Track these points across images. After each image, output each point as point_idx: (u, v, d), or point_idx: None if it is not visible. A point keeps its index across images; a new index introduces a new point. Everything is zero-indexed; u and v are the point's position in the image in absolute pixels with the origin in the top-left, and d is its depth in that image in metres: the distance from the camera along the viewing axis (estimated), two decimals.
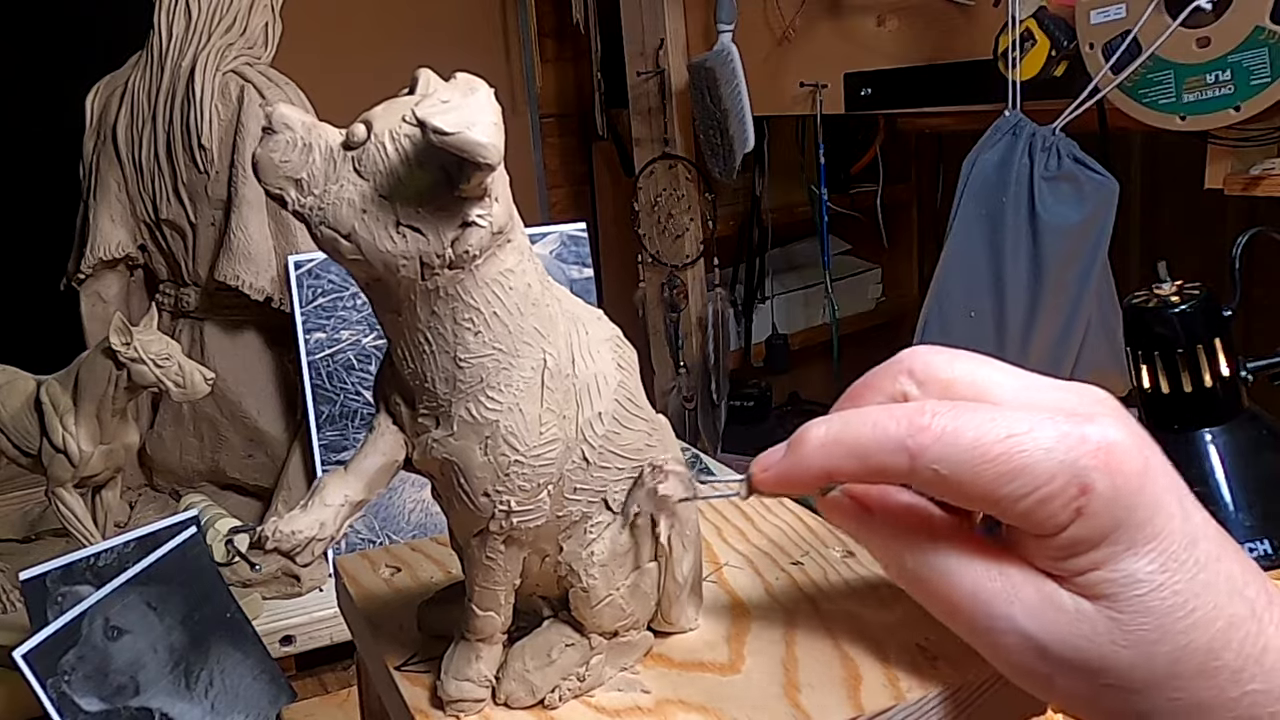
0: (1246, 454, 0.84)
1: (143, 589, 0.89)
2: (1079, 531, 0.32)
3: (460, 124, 0.35)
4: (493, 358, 0.40)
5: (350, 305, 1.20)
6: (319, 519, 0.41)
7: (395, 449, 0.43)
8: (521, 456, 0.40)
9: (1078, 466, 0.31)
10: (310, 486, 1.18)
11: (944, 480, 0.33)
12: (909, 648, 0.46)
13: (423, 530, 1.16)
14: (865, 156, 2.04)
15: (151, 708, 0.86)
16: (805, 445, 0.35)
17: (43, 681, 0.80)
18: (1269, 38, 1.04)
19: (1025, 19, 1.22)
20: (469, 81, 0.37)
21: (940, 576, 0.35)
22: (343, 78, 1.53)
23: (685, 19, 1.85)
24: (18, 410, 1.03)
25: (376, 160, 0.37)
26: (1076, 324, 1.23)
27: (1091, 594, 0.33)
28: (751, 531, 0.59)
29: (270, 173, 0.39)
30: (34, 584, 0.87)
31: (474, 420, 0.40)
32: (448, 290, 0.39)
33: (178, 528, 0.94)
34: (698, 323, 1.96)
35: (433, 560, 0.57)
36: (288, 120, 0.39)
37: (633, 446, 0.43)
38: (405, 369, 0.41)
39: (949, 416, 0.33)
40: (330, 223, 0.38)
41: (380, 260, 0.38)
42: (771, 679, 0.44)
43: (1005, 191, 1.24)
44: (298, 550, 0.41)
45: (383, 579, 0.56)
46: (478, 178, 0.36)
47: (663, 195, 1.94)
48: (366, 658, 0.53)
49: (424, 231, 0.37)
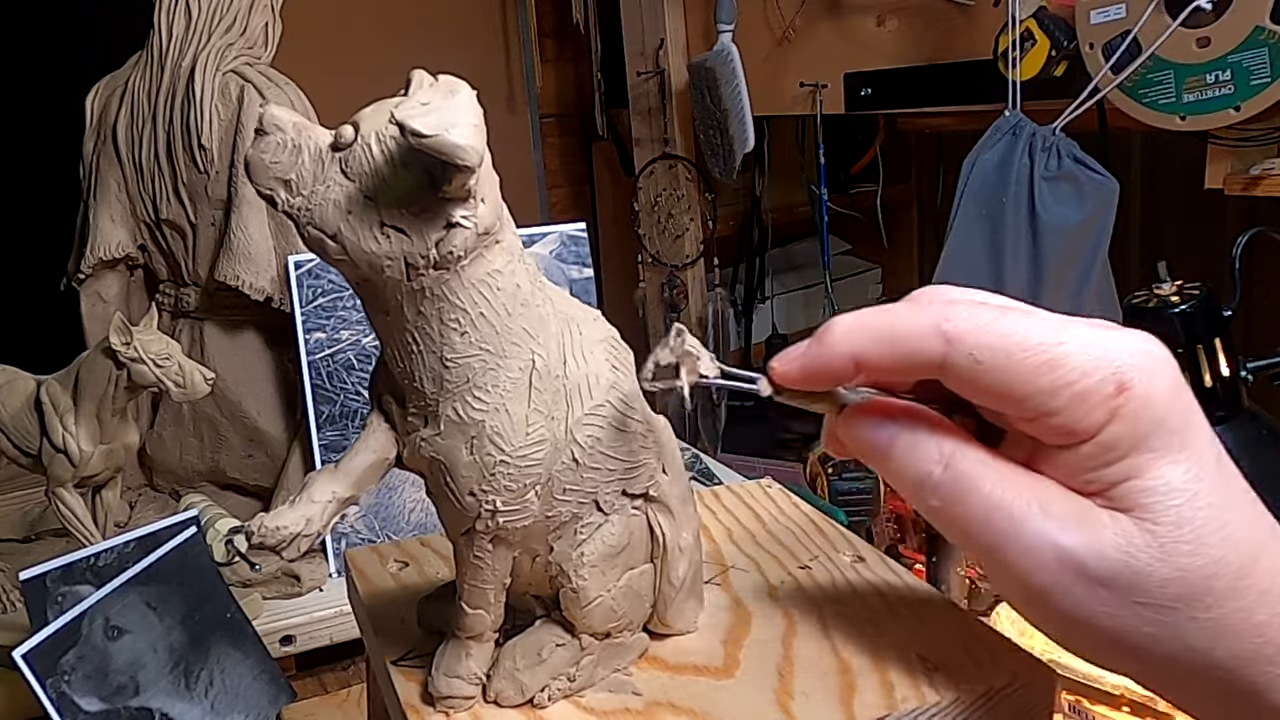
0: (1246, 454, 0.83)
1: (143, 589, 0.89)
2: (1114, 433, 0.31)
3: (439, 126, 0.35)
4: (479, 358, 0.40)
5: (350, 305, 1.20)
6: (305, 515, 0.42)
7: (386, 447, 0.43)
8: (507, 457, 0.40)
9: (1116, 364, 0.31)
10: None
11: (979, 369, 0.32)
12: (908, 657, 0.45)
13: (422, 529, 1.16)
14: (865, 156, 2.04)
15: (151, 708, 0.86)
16: (831, 332, 0.34)
17: (43, 681, 0.80)
18: (1269, 38, 1.04)
19: (1025, 19, 1.22)
20: (450, 83, 0.38)
21: (970, 491, 0.33)
22: (343, 78, 1.53)
23: (685, 19, 1.84)
24: (18, 410, 1.03)
25: (362, 161, 0.38)
26: None
27: (1126, 506, 0.32)
28: (761, 533, 0.59)
29: (261, 173, 0.39)
30: (34, 584, 0.87)
31: (460, 420, 0.40)
32: (433, 291, 0.39)
33: (178, 528, 0.94)
34: (698, 323, 1.96)
35: (440, 556, 0.57)
36: (278, 121, 0.39)
37: (625, 448, 0.43)
38: (395, 368, 0.41)
39: (985, 310, 0.32)
40: (317, 223, 0.39)
41: (365, 261, 0.38)
42: (765, 685, 0.44)
43: (1005, 191, 1.24)
44: (283, 545, 0.41)
45: (390, 573, 0.56)
46: (459, 179, 0.36)
47: (663, 195, 1.94)
48: (370, 652, 0.54)
49: (408, 232, 0.38)
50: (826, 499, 1.36)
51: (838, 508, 1.34)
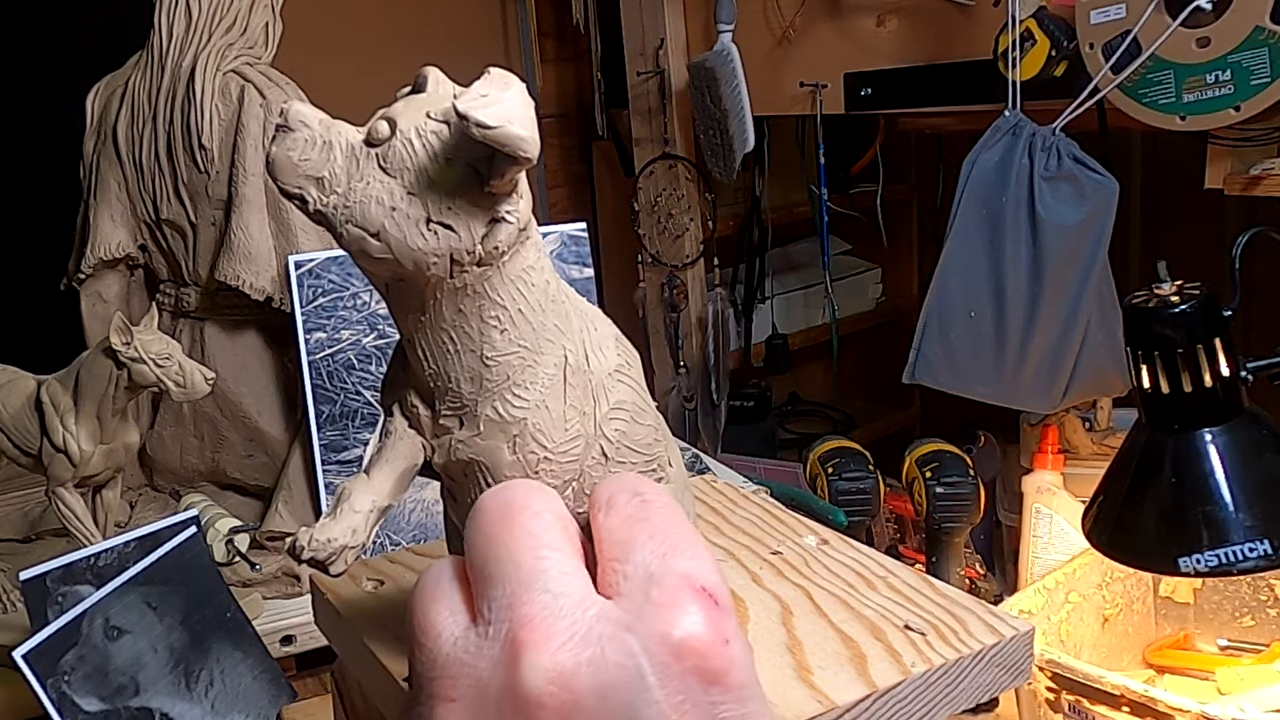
0: (1246, 454, 0.84)
1: (143, 589, 0.89)
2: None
3: (501, 118, 0.34)
4: (518, 355, 0.40)
5: (350, 305, 1.20)
6: (350, 526, 0.41)
7: (414, 453, 0.42)
8: (550, 454, 0.40)
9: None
10: (310, 487, 1.18)
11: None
12: (899, 628, 0.48)
13: (423, 530, 1.16)
14: (865, 156, 2.04)
15: (152, 708, 0.86)
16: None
17: (43, 681, 0.80)
18: (1269, 38, 1.04)
19: (1025, 19, 1.22)
20: (503, 76, 0.37)
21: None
22: (343, 78, 1.53)
23: (685, 19, 1.85)
24: (18, 410, 1.03)
25: (404, 157, 0.37)
26: (1076, 324, 1.23)
27: None
28: (725, 525, 0.61)
29: (288, 172, 0.38)
30: (34, 584, 0.87)
31: (501, 419, 0.40)
32: (475, 288, 0.38)
33: (178, 527, 0.94)
34: (698, 323, 1.96)
35: (414, 571, 0.57)
36: (304, 118, 0.38)
37: (644, 441, 0.43)
38: (425, 370, 0.41)
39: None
40: (358, 221, 0.37)
41: (410, 258, 0.37)
42: (782, 664, 0.45)
43: (1005, 191, 1.24)
44: (333, 559, 0.41)
45: (367, 592, 0.55)
46: (512, 172, 0.36)
47: (663, 195, 1.94)
48: (360, 671, 0.53)
49: (455, 228, 0.37)
50: (827, 499, 1.36)
51: (838, 508, 1.34)
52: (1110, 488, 0.90)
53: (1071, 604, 1.10)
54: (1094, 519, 0.90)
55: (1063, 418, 1.42)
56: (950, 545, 1.30)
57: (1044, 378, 1.26)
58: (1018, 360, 1.26)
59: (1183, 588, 1.18)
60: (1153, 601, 1.20)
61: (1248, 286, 0.91)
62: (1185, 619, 1.19)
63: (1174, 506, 0.83)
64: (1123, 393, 1.28)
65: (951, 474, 1.29)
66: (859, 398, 2.38)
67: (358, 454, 1.18)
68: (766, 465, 1.74)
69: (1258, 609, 1.14)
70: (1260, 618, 1.14)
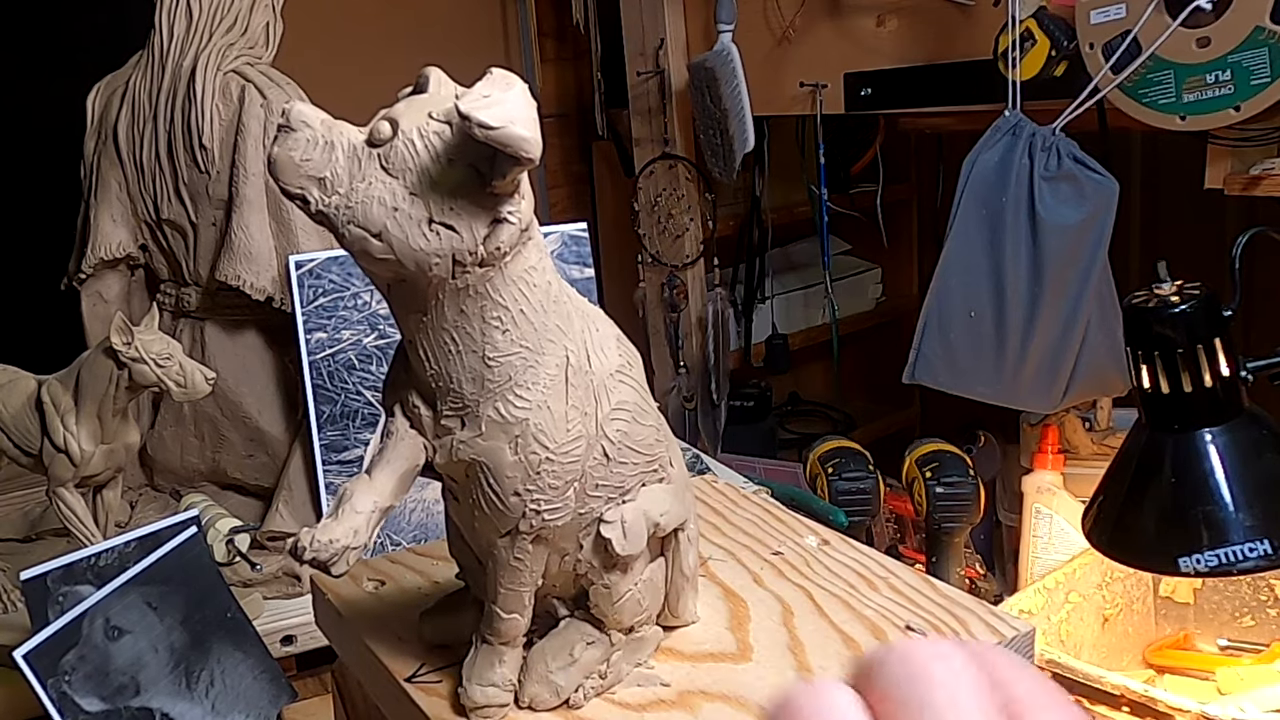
0: (1246, 454, 0.84)
1: (143, 589, 0.89)
2: None
3: (504, 118, 0.34)
4: (520, 355, 0.40)
5: (351, 305, 1.20)
6: (352, 527, 0.41)
7: (416, 453, 0.42)
8: (551, 454, 0.40)
9: None
10: (310, 487, 1.18)
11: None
12: (900, 628, 0.48)
13: (423, 530, 1.16)
14: (865, 156, 2.04)
15: (152, 708, 0.86)
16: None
17: (43, 681, 0.80)
18: (1269, 38, 1.04)
19: (1025, 19, 1.23)
20: (505, 77, 0.37)
21: None
22: (343, 78, 1.53)
23: (685, 19, 1.85)
24: (19, 410, 1.03)
25: (406, 158, 0.37)
26: (1076, 324, 1.23)
27: None
28: (726, 525, 0.61)
29: (290, 172, 0.38)
30: (35, 584, 0.87)
31: (503, 419, 0.40)
32: (477, 289, 0.38)
33: (178, 528, 0.94)
34: (698, 323, 1.96)
35: (415, 571, 0.57)
36: (306, 118, 0.38)
37: (645, 441, 0.43)
38: (427, 370, 0.41)
39: None
40: (360, 221, 0.37)
41: (412, 259, 0.37)
42: (783, 665, 0.45)
43: (1005, 191, 1.24)
44: (335, 559, 0.40)
45: (367, 593, 0.55)
46: (515, 173, 0.36)
47: (663, 195, 1.94)
48: (361, 671, 0.53)
49: (457, 229, 0.37)
50: (827, 499, 1.36)
51: (838, 508, 1.34)
52: (1110, 488, 0.90)
53: (1071, 604, 1.10)
54: (1094, 519, 0.90)
55: (1063, 418, 1.42)
56: (950, 545, 1.30)
57: (1044, 378, 1.26)
58: (1018, 360, 1.27)
59: (1183, 588, 1.18)
60: (1153, 601, 1.20)
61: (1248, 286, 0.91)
62: (1185, 619, 1.19)
63: (1174, 506, 0.83)
64: (1123, 393, 1.28)
65: (951, 474, 1.29)
66: (859, 398, 2.38)
67: (358, 454, 1.18)
68: (766, 465, 1.74)
69: (1258, 609, 1.14)
70: (1260, 618, 1.14)
